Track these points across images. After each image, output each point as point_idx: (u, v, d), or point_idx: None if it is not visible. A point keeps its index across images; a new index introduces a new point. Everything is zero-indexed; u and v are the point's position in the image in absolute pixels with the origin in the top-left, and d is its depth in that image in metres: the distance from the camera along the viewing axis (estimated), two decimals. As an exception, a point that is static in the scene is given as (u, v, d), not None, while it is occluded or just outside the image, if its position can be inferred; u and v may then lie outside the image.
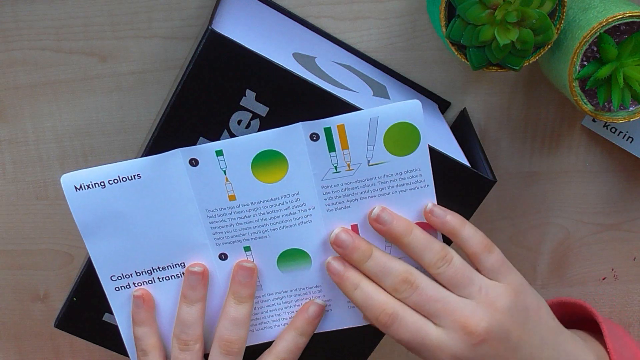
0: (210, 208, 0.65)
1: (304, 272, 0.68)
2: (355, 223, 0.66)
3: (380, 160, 0.64)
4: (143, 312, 0.67)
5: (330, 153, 0.63)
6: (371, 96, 0.68)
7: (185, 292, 0.67)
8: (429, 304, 0.64)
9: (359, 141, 0.63)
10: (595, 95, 0.68)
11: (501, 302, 0.65)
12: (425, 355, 0.65)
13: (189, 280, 0.66)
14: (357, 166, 0.64)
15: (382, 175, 0.64)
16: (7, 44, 0.74)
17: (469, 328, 0.64)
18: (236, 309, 0.67)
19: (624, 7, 0.66)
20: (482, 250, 0.65)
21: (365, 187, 0.65)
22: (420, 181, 0.65)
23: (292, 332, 0.69)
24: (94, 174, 0.63)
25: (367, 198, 0.65)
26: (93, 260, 0.66)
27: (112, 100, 0.76)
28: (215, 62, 0.62)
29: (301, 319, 0.69)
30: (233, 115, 0.64)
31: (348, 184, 0.65)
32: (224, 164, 0.63)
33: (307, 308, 0.69)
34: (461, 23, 0.65)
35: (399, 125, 0.63)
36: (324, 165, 0.64)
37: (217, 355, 0.67)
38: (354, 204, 0.65)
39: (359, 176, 0.64)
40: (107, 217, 0.64)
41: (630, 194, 0.83)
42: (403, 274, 0.65)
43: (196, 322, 0.67)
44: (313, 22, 0.74)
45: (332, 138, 0.63)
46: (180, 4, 0.73)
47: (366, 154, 0.64)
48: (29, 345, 0.87)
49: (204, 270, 0.67)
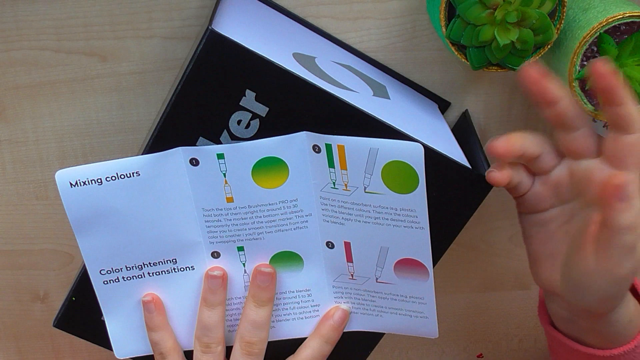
0: (207, 207, 0.65)
1: (295, 274, 0.68)
2: (349, 241, 0.66)
3: (376, 191, 0.63)
4: (156, 317, 0.68)
5: (329, 168, 0.63)
6: (371, 96, 0.68)
7: (206, 295, 0.67)
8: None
9: (358, 166, 0.62)
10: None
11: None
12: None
13: (209, 284, 0.67)
14: (354, 189, 0.63)
15: (377, 205, 0.64)
16: (7, 44, 0.74)
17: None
18: (256, 312, 0.67)
19: (624, 7, 0.66)
20: None
21: (360, 211, 0.64)
22: (416, 222, 0.64)
23: (318, 340, 0.69)
24: (90, 170, 0.63)
25: (362, 222, 0.65)
26: (83, 255, 0.65)
27: (112, 100, 0.76)
28: (215, 62, 0.62)
29: (327, 325, 0.69)
30: (233, 115, 0.64)
31: (344, 202, 0.64)
32: (224, 167, 0.63)
33: (333, 314, 0.69)
34: (461, 23, 0.65)
35: (398, 163, 0.62)
36: (324, 177, 0.64)
37: (238, 356, 0.67)
38: (349, 223, 0.65)
39: (355, 199, 0.64)
40: (102, 214, 0.64)
41: (631, 194, 0.83)
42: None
43: (217, 325, 0.67)
44: (313, 22, 0.74)
45: (332, 155, 0.63)
46: (180, 4, 0.73)
47: (363, 181, 0.63)
48: (29, 345, 0.87)
49: (224, 274, 0.67)
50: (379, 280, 0.67)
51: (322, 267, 0.68)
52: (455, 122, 0.78)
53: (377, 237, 0.65)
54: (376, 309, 0.69)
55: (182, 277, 0.67)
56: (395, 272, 0.67)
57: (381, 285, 0.68)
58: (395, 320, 0.69)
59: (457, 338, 0.88)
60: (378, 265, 0.66)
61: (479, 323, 0.88)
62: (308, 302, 0.69)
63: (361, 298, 0.69)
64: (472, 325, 0.88)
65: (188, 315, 0.69)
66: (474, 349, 0.89)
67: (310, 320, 0.70)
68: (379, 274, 0.67)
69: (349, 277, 0.68)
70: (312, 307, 0.69)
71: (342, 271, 0.68)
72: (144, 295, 0.67)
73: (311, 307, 0.69)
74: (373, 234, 0.65)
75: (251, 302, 0.67)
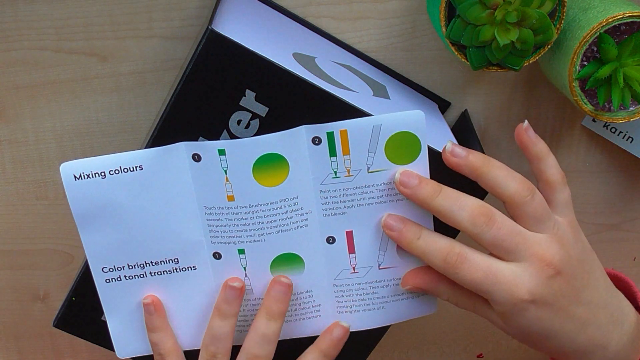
0: (208, 205, 0.65)
1: (296, 276, 0.68)
2: (351, 230, 0.66)
3: (379, 168, 0.64)
4: (156, 318, 0.67)
5: (331, 158, 0.63)
6: (371, 96, 0.68)
7: (220, 305, 0.67)
8: (509, 238, 0.63)
9: (361, 147, 0.63)
10: (595, 95, 0.68)
11: (567, 237, 0.64)
12: (497, 296, 0.63)
13: (226, 294, 0.66)
14: (357, 172, 0.64)
15: (380, 183, 0.64)
16: (7, 44, 0.74)
17: (547, 260, 0.63)
18: (267, 325, 0.66)
19: (624, 7, 0.66)
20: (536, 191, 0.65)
21: (363, 193, 0.65)
22: None
23: (316, 353, 0.69)
24: (94, 163, 0.63)
25: (364, 205, 0.65)
26: (86, 251, 0.65)
27: (112, 100, 0.76)
28: (215, 62, 0.62)
29: (326, 340, 0.69)
30: (233, 115, 0.64)
31: (346, 189, 0.65)
32: (225, 164, 0.63)
33: (332, 330, 0.69)
34: (461, 23, 0.65)
35: (401, 134, 0.63)
36: (324, 170, 0.64)
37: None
38: (351, 210, 0.65)
39: (357, 182, 0.64)
40: (105, 208, 0.64)
41: (630, 194, 0.83)
42: (479, 207, 0.63)
43: (227, 337, 0.67)
44: (313, 22, 0.74)
45: (334, 142, 0.63)
46: (180, 4, 0.73)
47: (366, 161, 0.63)
48: (29, 345, 0.87)
49: (242, 286, 0.67)
50: (382, 266, 0.68)
51: (323, 266, 0.68)
52: (455, 122, 0.78)
53: (380, 218, 0.66)
54: (378, 301, 0.69)
55: (184, 277, 0.67)
56: (399, 253, 0.67)
57: (383, 272, 0.68)
58: (398, 308, 0.70)
59: (457, 338, 0.88)
60: (380, 249, 0.67)
61: (479, 323, 0.88)
62: (309, 303, 0.69)
63: (363, 293, 0.69)
64: (472, 325, 0.88)
65: (189, 315, 0.69)
66: (474, 349, 0.89)
67: (311, 321, 0.70)
68: (382, 260, 0.67)
69: (350, 271, 0.68)
70: (314, 308, 0.69)
71: (344, 266, 0.68)
72: (144, 297, 0.67)
73: (312, 307, 0.69)
74: (376, 215, 0.66)
75: (263, 314, 0.67)
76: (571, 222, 0.66)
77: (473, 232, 0.63)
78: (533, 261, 0.63)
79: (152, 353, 0.69)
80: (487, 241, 0.63)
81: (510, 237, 0.63)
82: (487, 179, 0.63)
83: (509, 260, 0.63)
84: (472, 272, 0.63)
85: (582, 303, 0.65)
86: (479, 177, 0.64)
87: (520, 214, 0.64)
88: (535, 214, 0.63)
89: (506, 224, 0.63)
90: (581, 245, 0.66)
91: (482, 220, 0.62)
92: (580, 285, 0.65)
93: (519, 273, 0.63)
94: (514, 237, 0.63)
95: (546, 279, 0.63)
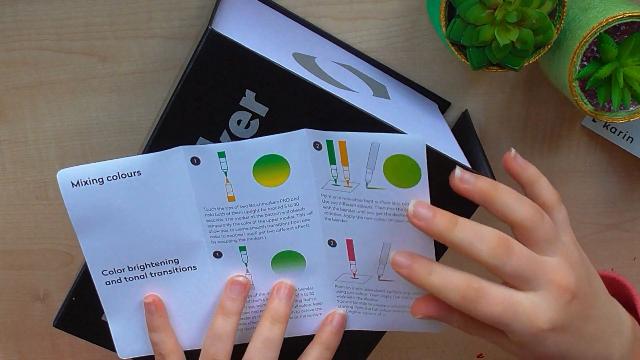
0: (208, 206, 0.65)
1: (297, 273, 0.68)
2: (351, 239, 0.66)
3: (378, 186, 0.63)
4: (157, 318, 0.67)
5: (330, 165, 0.63)
6: (371, 96, 0.68)
7: (224, 302, 0.67)
8: (528, 267, 0.61)
9: (359, 161, 0.62)
10: (595, 95, 0.68)
11: (575, 257, 0.64)
12: (517, 327, 0.61)
13: (231, 290, 0.66)
14: (356, 185, 0.63)
15: (379, 201, 0.63)
16: (7, 44, 0.74)
17: (563, 286, 0.61)
18: (271, 329, 0.66)
19: (624, 7, 0.66)
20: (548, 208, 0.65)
21: (362, 207, 0.64)
22: None
23: (319, 347, 0.69)
24: (92, 170, 0.63)
25: (364, 219, 0.64)
26: (85, 255, 0.65)
27: (112, 100, 0.76)
28: (215, 62, 0.62)
29: (327, 332, 0.69)
30: (233, 115, 0.64)
31: (346, 199, 0.64)
32: (225, 166, 0.63)
33: (332, 319, 0.69)
34: (461, 23, 0.65)
35: (401, 157, 0.61)
36: (325, 175, 0.64)
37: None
38: (351, 220, 0.65)
39: (357, 195, 0.63)
40: (103, 214, 0.64)
41: (630, 194, 0.83)
42: (498, 238, 0.60)
43: (228, 336, 0.66)
44: (313, 22, 0.74)
45: (333, 151, 0.62)
46: (180, 4, 0.73)
47: (365, 176, 0.63)
48: (29, 345, 0.87)
49: (247, 282, 0.67)
50: (381, 278, 0.67)
51: (324, 266, 0.68)
52: (455, 122, 0.78)
53: (379, 234, 0.65)
54: (379, 308, 0.69)
55: (185, 277, 0.67)
56: None
57: (383, 283, 0.68)
58: (399, 318, 0.69)
59: (457, 338, 0.88)
60: (380, 263, 0.66)
61: (479, 323, 0.88)
62: (310, 300, 0.69)
63: (363, 297, 0.69)
64: (472, 325, 0.88)
65: (190, 315, 0.69)
66: (474, 349, 0.89)
67: (313, 319, 0.70)
68: (381, 272, 0.67)
69: (350, 276, 0.68)
70: (315, 306, 0.69)
71: (344, 270, 0.68)
72: (145, 296, 0.67)
73: (314, 305, 0.69)
74: (375, 231, 0.65)
75: (267, 317, 0.67)
76: (574, 240, 0.66)
77: (492, 265, 0.61)
78: (551, 289, 0.62)
79: (153, 353, 0.69)
80: (507, 273, 0.61)
81: (528, 266, 0.61)
82: (498, 205, 0.62)
83: (526, 289, 0.62)
84: (491, 307, 0.61)
85: (592, 320, 0.64)
86: (488, 203, 0.62)
87: (531, 238, 0.62)
88: (546, 237, 0.62)
89: (524, 252, 0.61)
90: (584, 261, 0.66)
91: (501, 251, 0.60)
92: (589, 302, 0.64)
93: (538, 302, 0.61)
94: (531, 266, 0.61)
95: (564, 305, 0.62)
